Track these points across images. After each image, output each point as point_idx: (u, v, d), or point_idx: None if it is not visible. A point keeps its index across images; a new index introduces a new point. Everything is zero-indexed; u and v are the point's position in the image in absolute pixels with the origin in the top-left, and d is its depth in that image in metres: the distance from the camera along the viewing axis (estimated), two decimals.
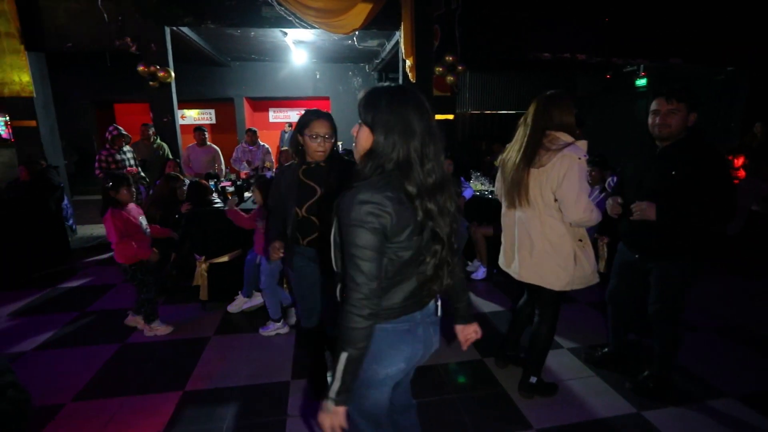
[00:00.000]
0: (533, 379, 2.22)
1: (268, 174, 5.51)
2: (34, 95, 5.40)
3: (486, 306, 3.41)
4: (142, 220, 2.89)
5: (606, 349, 2.52)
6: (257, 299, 3.31)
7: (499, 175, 2.15)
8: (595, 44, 6.44)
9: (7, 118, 6.40)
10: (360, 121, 1.11)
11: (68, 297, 3.69)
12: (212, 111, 11.20)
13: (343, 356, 1.01)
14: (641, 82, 8.82)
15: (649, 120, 2.00)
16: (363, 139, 1.10)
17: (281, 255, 2.09)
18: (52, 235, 4.54)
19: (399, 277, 1.10)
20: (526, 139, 1.91)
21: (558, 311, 2.16)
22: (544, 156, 1.85)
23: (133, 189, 2.80)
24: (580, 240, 1.95)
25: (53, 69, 5.86)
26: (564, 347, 2.75)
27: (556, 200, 1.87)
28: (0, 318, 3.28)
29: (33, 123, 5.52)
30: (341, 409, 1.03)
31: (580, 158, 1.79)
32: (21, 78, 5.30)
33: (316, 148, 1.91)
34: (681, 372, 2.41)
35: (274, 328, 2.92)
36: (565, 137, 1.85)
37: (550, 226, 1.91)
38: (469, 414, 2.11)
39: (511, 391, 2.28)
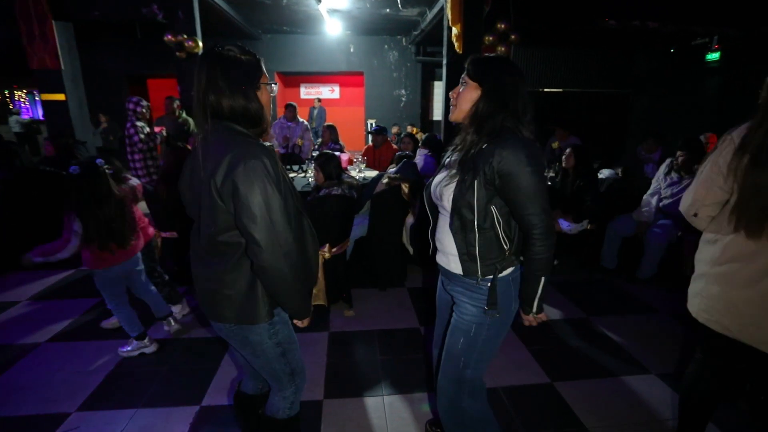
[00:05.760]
0: None
1: (304, 149, 5.13)
2: (63, 67, 5.22)
3: (547, 311, 2.92)
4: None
5: None
6: None
7: (712, 176, 1.30)
8: (670, 9, 5.58)
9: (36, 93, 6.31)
10: (465, 82, 1.24)
11: (90, 280, 3.47)
12: None
13: (543, 280, 1.21)
14: (713, 56, 7.75)
15: None
16: (470, 94, 1.23)
17: None
18: None
19: None
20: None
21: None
22: None
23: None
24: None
25: (86, 42, 5.67)
26: (651, 372, 2.25)
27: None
28: (21, 301, 3.11)
29: (62, 96, 5.36)
30: (542, 315, 1.28)
31: (724, 139, 1.26)
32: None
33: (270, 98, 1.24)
34: None
35: (136, 346, 2.40)
36: None
37: None
38: None
39: (597, 431, 1.82)
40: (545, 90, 9.05)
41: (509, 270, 1.26)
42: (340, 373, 2.23)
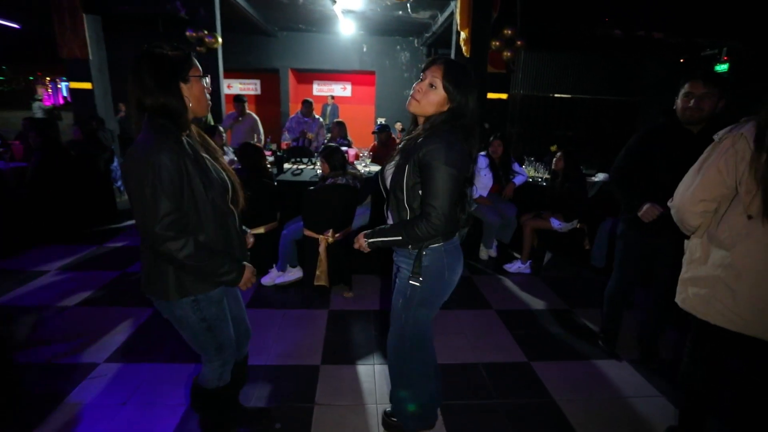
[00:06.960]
0: None
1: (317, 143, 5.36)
2: (90, 57, 5.54)
3: (534, 302, 3.13)
4: None
5: None
6: (291, 274, 3.22)
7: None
8: (675, 21, 5.71)
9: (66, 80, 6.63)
10: (435, 87, 1.35)
11: (112, 256, 3.78)
12: (257, 81, 11.23)
13: (398, 238, 1.38)
14: (722, 67, 7.83)
15: (680, 103, 1.94)
16: (437, 100, 1.37)
17: None
18: (101, 194, 4.68)
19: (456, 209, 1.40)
20: None
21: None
22: None
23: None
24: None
25: (109, 34, 5.98)
26: (622, 358, 2.45)
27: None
28: (50, 271, 3.40)
29: (89, 85, 5.69)
30: (366, 242, 1.45)
31: (732, 136, 1.34)
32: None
33: (207, 93, 1.30)
34: None
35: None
36: None
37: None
38: (514, 424, 1.90)
39: (563, 402, 2.03)
40: (555, 95, 9.16)
41: (441, 243, 1.43)
42: (337, 345, 2.47)
